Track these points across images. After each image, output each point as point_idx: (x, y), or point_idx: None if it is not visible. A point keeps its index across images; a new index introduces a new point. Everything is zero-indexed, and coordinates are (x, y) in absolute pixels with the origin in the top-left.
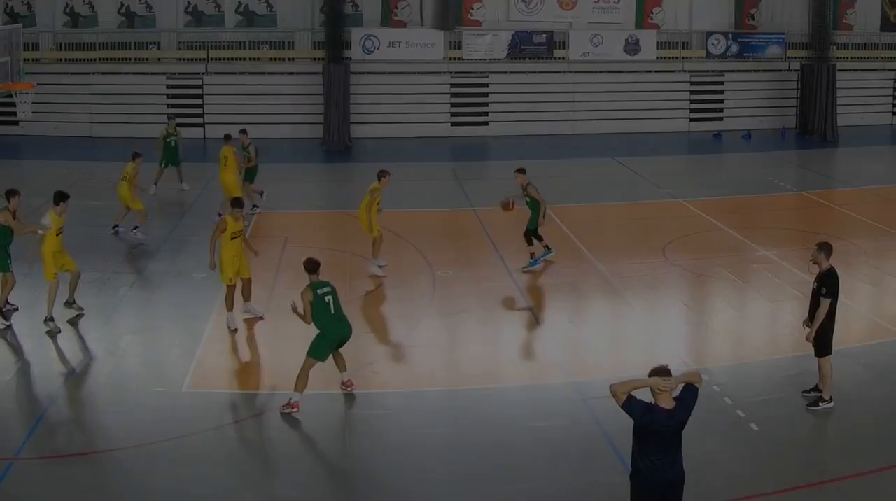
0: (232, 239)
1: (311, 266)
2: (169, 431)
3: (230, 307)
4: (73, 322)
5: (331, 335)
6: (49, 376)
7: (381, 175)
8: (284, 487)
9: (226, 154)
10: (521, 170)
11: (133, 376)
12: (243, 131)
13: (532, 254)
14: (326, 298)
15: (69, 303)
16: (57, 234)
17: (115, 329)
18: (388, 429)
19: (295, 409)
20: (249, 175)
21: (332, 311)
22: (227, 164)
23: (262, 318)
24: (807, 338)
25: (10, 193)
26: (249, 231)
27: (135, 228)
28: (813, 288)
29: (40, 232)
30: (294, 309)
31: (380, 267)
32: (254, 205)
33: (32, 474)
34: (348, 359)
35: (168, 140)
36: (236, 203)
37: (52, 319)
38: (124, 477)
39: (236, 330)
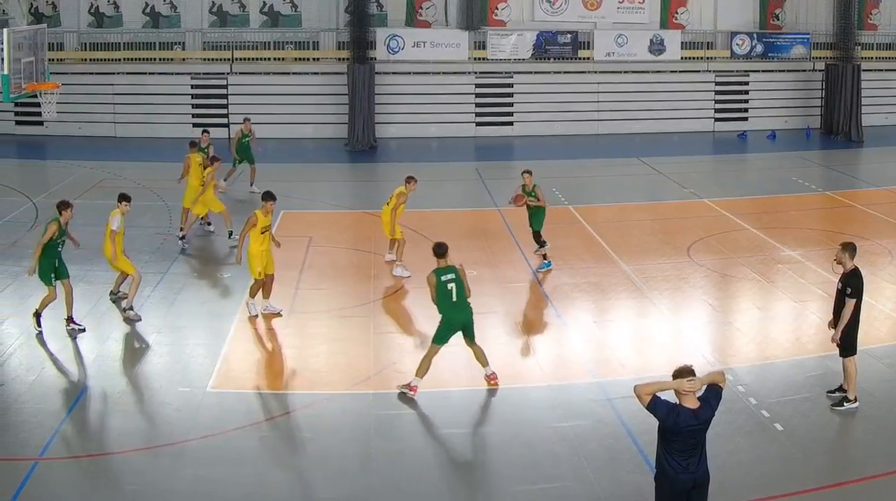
0: (261, 233)
1: (439, 250)
2: (193, 431)
3: (253, 294)
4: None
5: (451, 320)
6: (74, 376)
7: (409, 181)
8: (309, 487)
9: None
10: (528, 172)
11: (158, 376)
12: (205, 131)
13: (545, 256)
14: (449, 285)
15: (114, 293)
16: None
17: (140, 329)
18: (412, 429)
19: (413, 392)
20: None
21: (454, 298)
22: (193, 171)
23: (279, 314)
24: (832, 339)
25: (62, 205)
26: (274, 229)
27: (207, 224)
28: (837, 289)
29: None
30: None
31: (404, 269)
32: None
33: (57, 474)
34: (372, 360)
35: (243, 140)
36: (267, 196)
37: (131, 308)
38: (148, 478)
39: (256, 316)
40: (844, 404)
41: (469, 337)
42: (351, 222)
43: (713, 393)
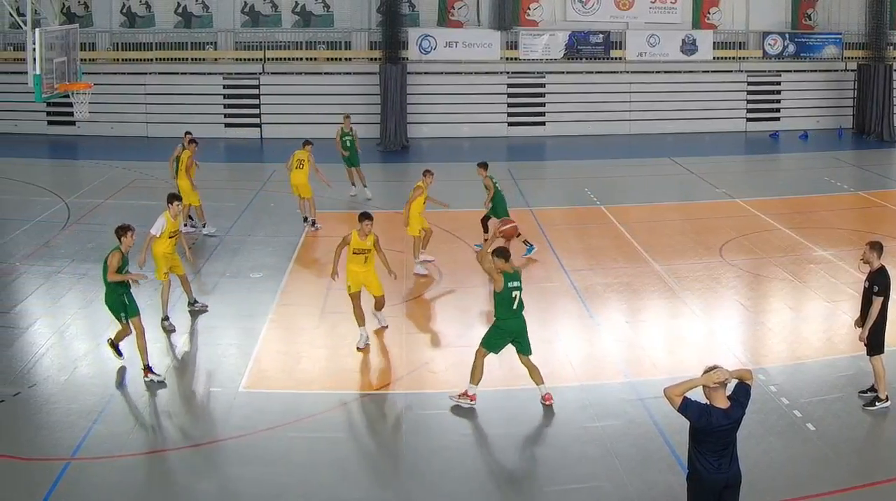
0: (354, 253)
1: (505, 254)
2: (225, 431)
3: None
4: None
5: (506, 328)
6: (105, 376)
7: (426, 174)
8: (340, 488)
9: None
10: (484, 165)
11: (190, 376)
12: (188, 132)
13: (525, 241)
14: (514, 293)
15: (191, 304)
16: (170, 237)
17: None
18: (444, 429)
19: (472, 400)
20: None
21: (514, 307)
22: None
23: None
24: (860, 338)
25: (123, 230)
26: (302, 238)
27: (311, 222)
28: (864, 287)
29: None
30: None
31: (424, 263)
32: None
33: (88, 474)
34: (405, 360)
35: (343, 139)
36: (364, 216)
37: (167, 318)
38: (180, 478)
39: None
40: (876, 404)
41: (523, 350)
42: (383, 222)
43: (742, 392)
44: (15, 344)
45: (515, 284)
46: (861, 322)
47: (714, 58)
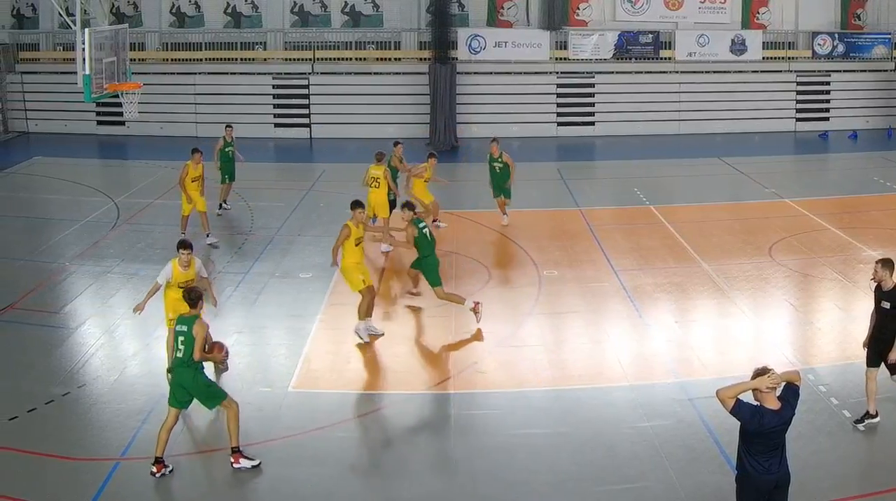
0: (356, 245)
1: (410, 205)
2: (275, 431)
3: (362, 314)
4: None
5: (434, 261)
6: (155, 376)
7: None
8: (389, 487)
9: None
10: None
11: (239, 376)
12: (229, 126)
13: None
14: (425, 230)
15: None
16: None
17: (222, 329)
18: (493, 430)
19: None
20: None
21: (430, 241)
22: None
23: (381, 335)
24: (888, 360)
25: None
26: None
27: (434, 221)
28: (884, 308)
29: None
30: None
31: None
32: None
33: (138, 474)
34: (453, 360)
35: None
36: (356, 204)
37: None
38: (230, 478)
39: (367, 341)
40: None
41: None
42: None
43: (791, 392)
44: (64, 345)
45: (423, 225)
46: (869, 342)
47: (763, 58)
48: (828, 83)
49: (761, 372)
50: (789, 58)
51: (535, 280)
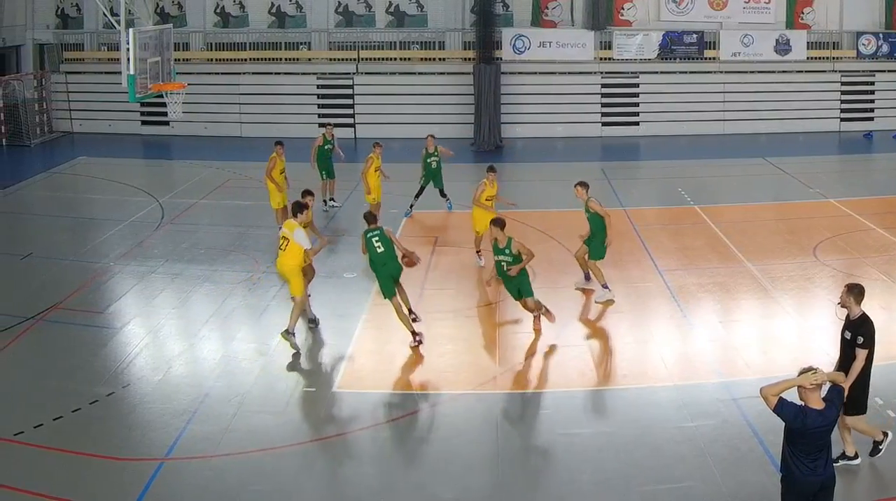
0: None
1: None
2: (320, 431)
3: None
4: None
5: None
6: (199, 376)
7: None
8: (435, 487)
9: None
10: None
11: (284, 376)
12: (327, 124)
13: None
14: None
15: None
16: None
17: (266, 329)
18: (538, 430)
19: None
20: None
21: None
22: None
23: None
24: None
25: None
26: (399, 232)
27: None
28: (844, 338)
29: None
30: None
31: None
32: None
33: (182, 474)
34: (497, 360)
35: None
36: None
37: (293, 333)
38: (274, 478)
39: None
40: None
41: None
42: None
43: (836, 393)
44: (109, 344)
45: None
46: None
47: (808, 58)
48: (872, 83)
49: (807, 372)
50: (833, 58)
51: (580, 280)
